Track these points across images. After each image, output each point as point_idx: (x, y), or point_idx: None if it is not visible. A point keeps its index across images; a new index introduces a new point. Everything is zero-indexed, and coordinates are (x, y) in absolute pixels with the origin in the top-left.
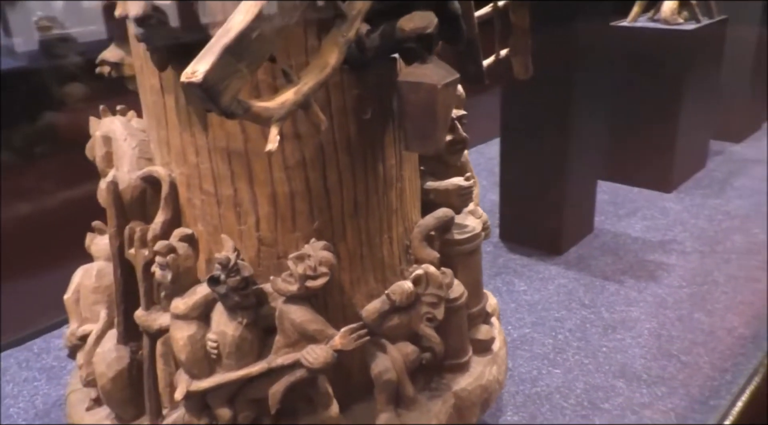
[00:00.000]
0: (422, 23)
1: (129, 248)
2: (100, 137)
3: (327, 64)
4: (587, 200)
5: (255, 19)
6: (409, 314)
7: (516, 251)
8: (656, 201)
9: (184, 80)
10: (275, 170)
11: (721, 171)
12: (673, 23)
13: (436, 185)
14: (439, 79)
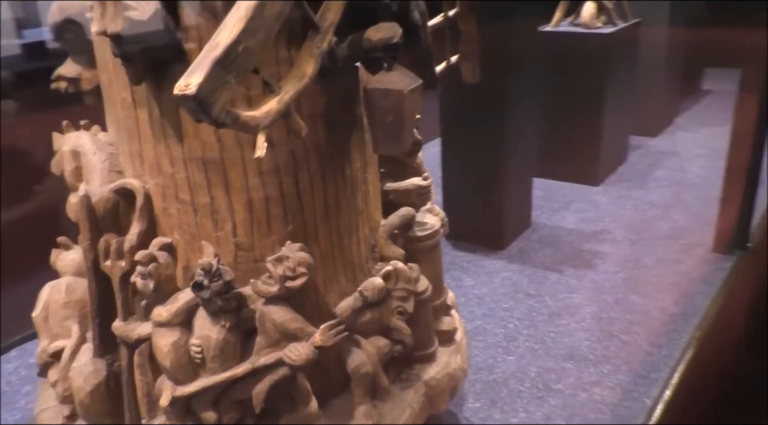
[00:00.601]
0: (388, 34)
1: (105, 261)
2: (69, 151)
3: (305, 74)
4: (524, 196)
5: (241, 33)
6: (380, 309)
7: (461, 248)
8: (586, 194)
9: (178, 93)
10: (250, 177)
11: (641, 164)
12: (592, 27)
13: (395, 186)
14: (405, 85)
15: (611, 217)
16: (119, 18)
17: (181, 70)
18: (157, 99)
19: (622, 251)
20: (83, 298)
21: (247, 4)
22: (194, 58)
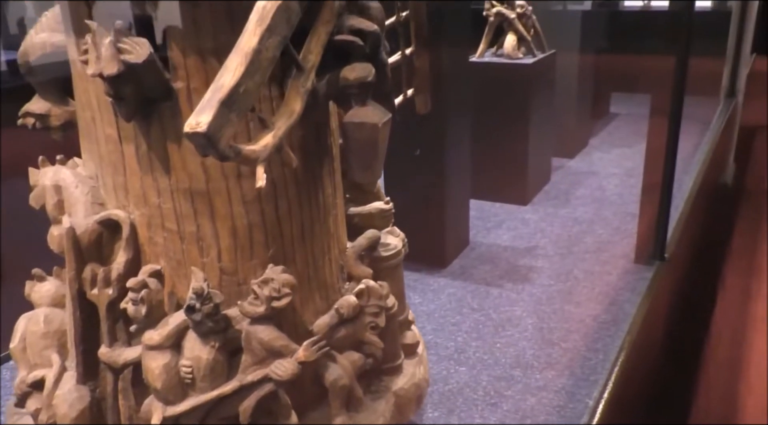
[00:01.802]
0: (363, 73)
1: (91, 289)
2: (51, 186)
3: (293, 111)
4: (462, 217)
5: (242, 76)
6: (354, 325)
7: (406, 267)
8: (516, 213)
9: (189, 130)
10: (235, 206)
11: (564, 183)
12: (514, 58)
13: (359, 210)
14: (378, 119)
15: (541, 234)
16: (115, 61)
17: (169, 108)
18: (144, 135)
19: (554, 265)
20: (61, 328)
21: (247, 49)
22: (181, 96)
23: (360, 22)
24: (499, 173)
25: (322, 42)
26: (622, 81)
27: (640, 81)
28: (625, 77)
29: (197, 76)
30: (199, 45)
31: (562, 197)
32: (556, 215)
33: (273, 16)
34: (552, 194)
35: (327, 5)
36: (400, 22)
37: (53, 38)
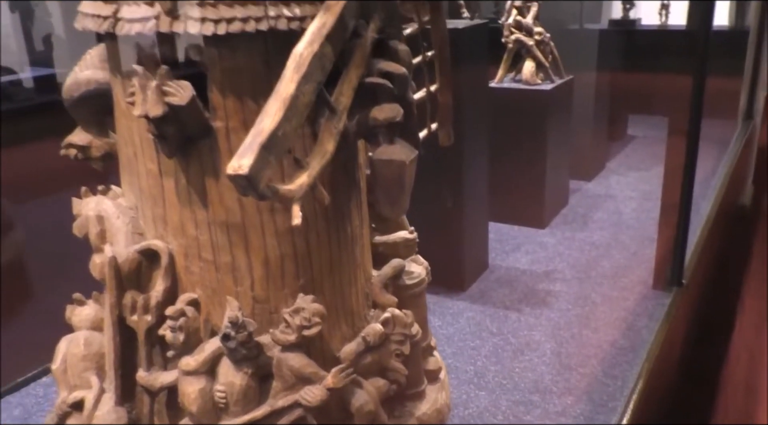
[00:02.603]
0: (392, 113)
1: (131, 316)
2: (94, 216)
3: (327, 151)
4: (481, 240)
5: (281, 121)
6: (380, 352)
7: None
8: (534, 237)
9: (231, 173)
10: (268, 238)
11: (581, 206)
12: (533, 84)
13: (384, 239)
14: (405, 156)
15: (559, 258)
16: (160, 103)
17: (208, 145)
18: (184, 170)
19: (572, 289)
20: (100, 351)
21: (285, 95)
22: (220, 135)
23: (389, 65)
24: (517, 196)
25: (354, 85)
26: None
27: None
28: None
29: (235, 117)
30: (237, 87)
31: (580, 220)
32: (574, 239)
33: (309, 63)
34: (569, 218)
35: (358, 50)
36: (426, 61)
37: (97, 75)
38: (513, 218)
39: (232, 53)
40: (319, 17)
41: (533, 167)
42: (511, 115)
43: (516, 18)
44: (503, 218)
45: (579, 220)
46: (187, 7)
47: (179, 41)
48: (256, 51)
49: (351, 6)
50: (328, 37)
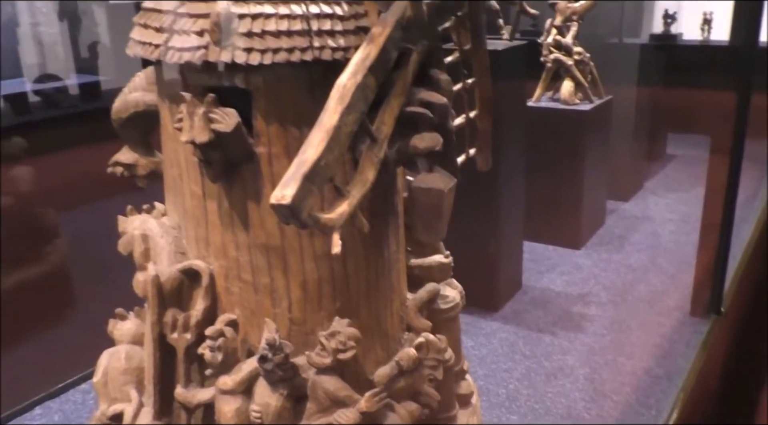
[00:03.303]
0: (432, 142)
1: (171, 333)
2: (139, 235)
3: (367, 179)
4: (516, 259)
5: (323, 151)
6: (413, 377)
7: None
8: (569, 257)
9: (274, 202)
10: (306, 261)
11: (618, 227)
12: (571, 103)
13: (420, 262)
14: (444, 185)
15: (595, 280)
16: (206, 130)
17: (251, 170)
18: (227, 193)
19: (607, 313)
20: (140, 365)
21: (328, 126)
22: (263, 160)
23: (430, 95)
24: (553, 216)
25: (395, 114)
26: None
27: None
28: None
29: (278, 143)
30: (281, 114)
31: (616, 242)
32: (610, 261)
33: (352, 94)
34: (606, 239)
35: (400, 80)
36: (466, 88)
37: (145, 98)
38: (548, 237)
39: (277, 82)
40: (362, 48)
41: (570, 187)
42: (548, 134)
43: (555, 37)
44: (538, 238)
45: (615, 241)
46: (235, 37)
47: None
48: (300, 80)
49: (394, 36)
50: (371, 68)
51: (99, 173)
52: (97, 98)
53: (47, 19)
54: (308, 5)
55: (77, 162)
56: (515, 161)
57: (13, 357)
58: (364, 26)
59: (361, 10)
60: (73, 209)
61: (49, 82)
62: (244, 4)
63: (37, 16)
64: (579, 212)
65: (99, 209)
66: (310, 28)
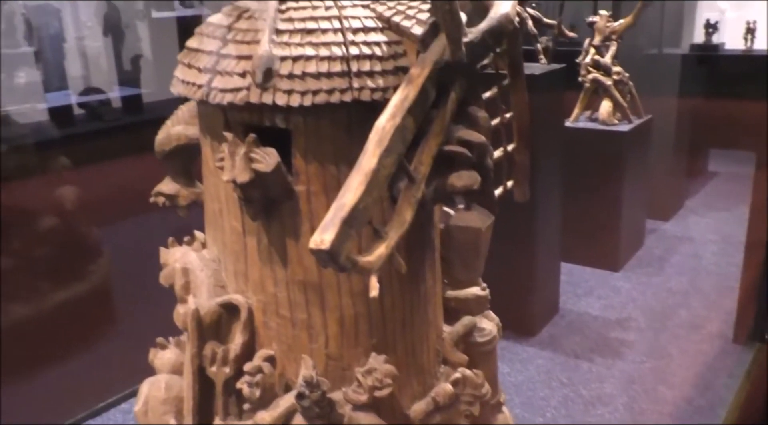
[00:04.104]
0: (470, 181)
1: (210, 366)
2: (180, 268)
3: (405, 220)
4: (552, 282)
5: (362, 195)
6: (449, 413)
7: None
8: (607, 280)
9: (313, 247)
10: (343, 297)
11: (658, 248)
12: (609, 124)
13: (456, 294)
14: (482, 223)
15: (633, 304)
16: (247, 170)
17: (289, 207)
18: (266, 230)
19: (646, 339)
20: (179, 395)
21: (366, 169)
22: (302, 198)
23: (468, 134)
24: (590, 237)
25: (433, 153)
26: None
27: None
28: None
29: (316, 181)
30: (320, 154)
31: (656, 263)
32: (649, 284)
33: (391, 137)
34: (645, 261)
35: (438, 119)
36: (504, 123)
37: (188, 131)
38: (586, 259)
39: (317, 122)
40: (401, 89)
41: (608, 207)
42: (586, 154)
43: (594, 57)
44: (576, 259)
45: (655, 263)
46: (276, 79)
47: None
48: (339, 120)
49: (433, 77)
50: (409, 109)
51: (140, 186)
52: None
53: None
54: (348, 47)
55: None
56: (552, 182)
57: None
58: (403, 66)
59: (400, 50)
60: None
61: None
62: (285, 46)
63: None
64: (617, 232)
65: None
66: (349, 70)
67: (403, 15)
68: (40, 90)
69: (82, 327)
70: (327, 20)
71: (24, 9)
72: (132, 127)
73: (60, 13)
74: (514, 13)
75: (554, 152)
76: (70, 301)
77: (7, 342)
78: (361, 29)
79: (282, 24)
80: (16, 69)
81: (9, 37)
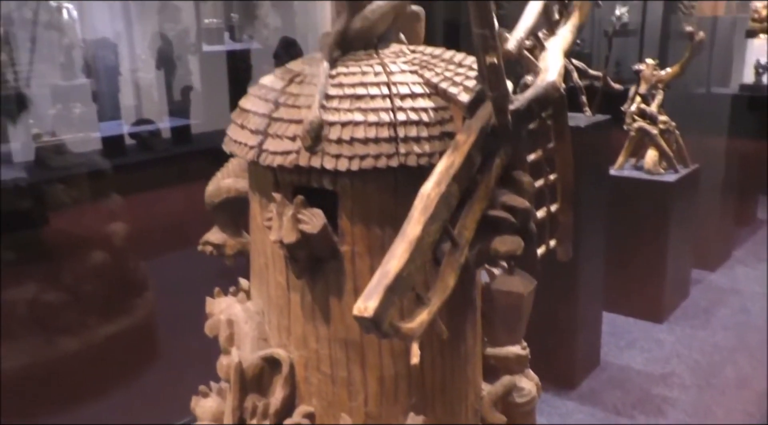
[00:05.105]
0: (513, 246)
1: (251, 419)
2: (225, 320)
3: (447, 286)
4: (594, 333)
5: (406, 262)
6: None
7: None
8: (651, 332)
9: (357, 314)
10: (384, 356)
11: (704, 300)
12: (655, 173)
13: (496, 352)
14: (524, 288)
15: (678, 359)
16: (294, 231)
17: (334, 266)
18: (310, 287)
19: (690, 397)
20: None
21: (411, 237)
22: (346, 258)
23: (512, 198)
24: (634, 286)
25: (477, 218)
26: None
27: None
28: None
29: (361, 242)
30: (365, 216)
31: (702, 316)
32: (695, 338)
33: (436, 204)
34: (690, 313)
35: (483, 184)
36: (548, 184)
37: (237, 185)
38: (629, 309)
39: (363, 185)
40: (447, 156)
41: (652, 256)
42: (630, 203)
43: (640, 106)
44: (618, 309)
45: (701, 316)
46: (325, 144)
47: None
48: (385, 183)
49: (478, 143)
50: (455, 176)
51: (187, 216)
52: (187, 141)
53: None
54: (396, 113)
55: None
56: (595, 230)
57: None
58: (449, 131)
59: (446, 115)
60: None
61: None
62: (335, 111)
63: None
64: (662, 282)
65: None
66: (396, 136)
67: (450, 82)
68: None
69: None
70: (376, 86)
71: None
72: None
73: (117, 47)
74: (560, 82)
75: (598, 200)
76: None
77: (49, 375)
78: (409, 95)
79: (332, 89)
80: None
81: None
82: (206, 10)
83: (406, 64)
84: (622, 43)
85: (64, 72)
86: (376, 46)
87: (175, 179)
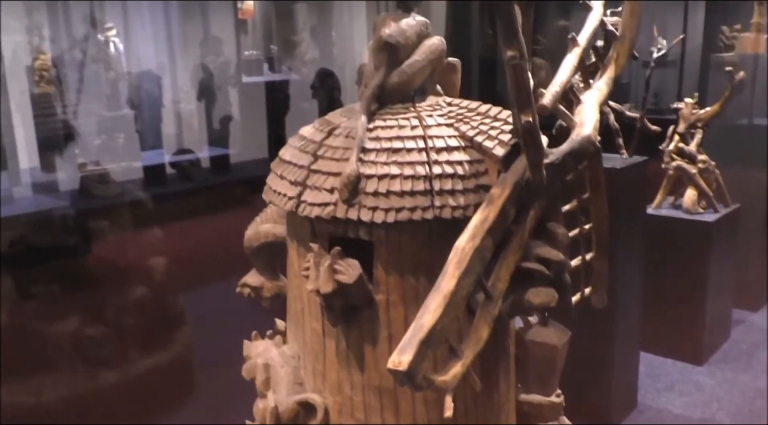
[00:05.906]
0: (547, 298)
1: None
2: (262, 364)
3: (481, 338)
4: (631, 374)
5: (440, 316)
6: None
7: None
8: (690, 374)
9: (391, 368)
10: (417, 405)
11: (746, 342)
12: (694, 212)
13: (529, 399)
14: (558, 340)
15: (718, 403)
16: (330, 281)
17: (369, 314)
18: (345, 335)
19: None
20: None
21: (445, 291)
22: (381, 306)
23: (546, 251)
24: (673, 327)
25: (511, 270)
26: None
27: None
28: None
29: (395, 291)
30: (400, 266)
31: (743, 359)
32: (736, 382)
33: (470, 258)
34: (731, 355)
35: (517, 236)
36: (582, 234)
37: (276, 230)
38: (667, 350)
39: (398, 236)
40: (481, 210)
41: (691, 295)
42: (669, 243)
43: (678, 145)
44: (657, 350)
45: (742, 358)
46: (362, 196)
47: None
48: (420, 235)
49: (513, 197)
50: (489, 230)
51: (225, 245)
52: (226, 170)
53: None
54: (432, 166)
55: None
56: (633, 269)
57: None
58: (484, 184)
59: (481, 168)
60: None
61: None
62: (372, 165)
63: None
64: (701, 323)
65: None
66: (432, 189)
67: (486, 135)
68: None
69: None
70: (412, 139)
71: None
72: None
73: (160, 80)
74: (596, 135)
75: (636, 239)
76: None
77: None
78: (445, 148)
79: (370, 142)
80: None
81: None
82: (246, 43)
83: (442, 118)
84: (661, 74)
85: (110, 103)
86: (413, 98)
87: (214, 207)
